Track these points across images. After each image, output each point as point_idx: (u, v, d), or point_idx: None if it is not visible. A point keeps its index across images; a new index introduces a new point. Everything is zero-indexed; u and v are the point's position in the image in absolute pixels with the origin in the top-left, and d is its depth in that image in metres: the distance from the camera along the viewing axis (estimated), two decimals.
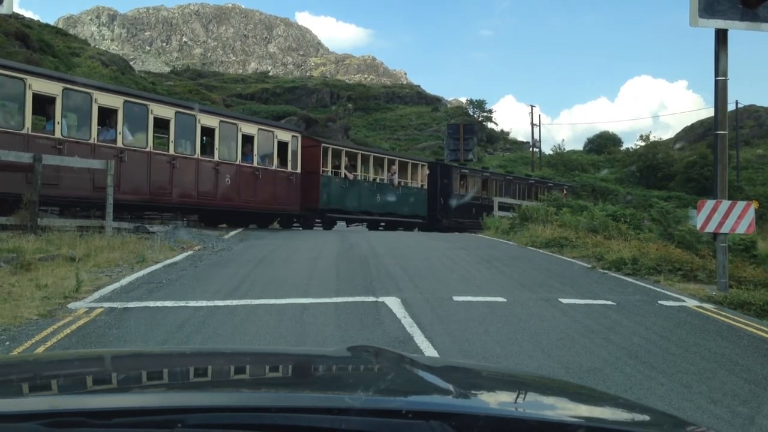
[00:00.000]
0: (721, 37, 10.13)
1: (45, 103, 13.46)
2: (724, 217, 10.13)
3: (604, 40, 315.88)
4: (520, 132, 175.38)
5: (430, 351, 5.77)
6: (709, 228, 10.30)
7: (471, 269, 11.27)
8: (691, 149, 55.07)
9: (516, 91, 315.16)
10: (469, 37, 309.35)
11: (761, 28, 9.98)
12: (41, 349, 5.52)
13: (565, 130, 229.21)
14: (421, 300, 8.00)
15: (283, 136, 19.36)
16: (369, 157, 23.26)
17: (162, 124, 15.90)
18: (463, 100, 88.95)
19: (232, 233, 15.99)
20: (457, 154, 33.62)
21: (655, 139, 61.21)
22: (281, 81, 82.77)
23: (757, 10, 9.85)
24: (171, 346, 5.63)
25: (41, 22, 55.16)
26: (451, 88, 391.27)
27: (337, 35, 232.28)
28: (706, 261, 12.07)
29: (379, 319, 6.95)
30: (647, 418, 1.45)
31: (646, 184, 49.49)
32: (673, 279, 10.93)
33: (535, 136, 55.31)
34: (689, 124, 67.64)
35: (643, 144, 57.18)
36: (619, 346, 6.33)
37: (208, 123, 16.96)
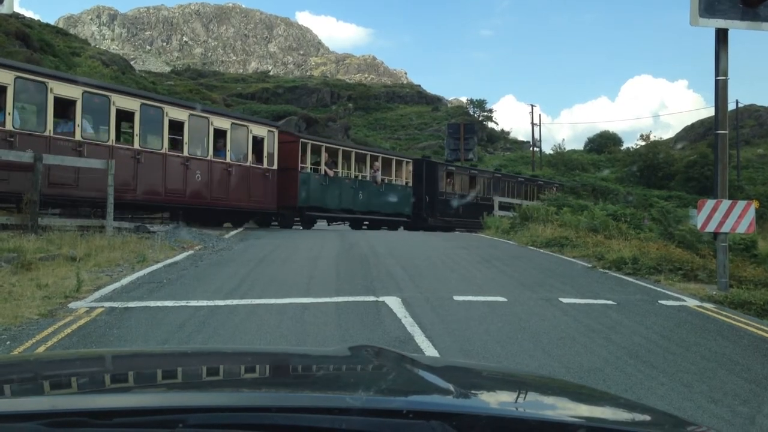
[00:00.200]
0: (721, 36, 10.13)
1: None
2: (724, 216, 10.13)
3: (604, 39, 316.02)
4: (521, 131, 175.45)
5: (430, 351, 5.77)
6: (710, 227, 10.30)
7: (471, 269, 11.27)
8: (691, 149, 55.04)
9: (516, 90, 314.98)
10: (469, 36, 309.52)
11: (762, 28, 9.98)
12: (42, 349, 5.53)
13: (566, 129, 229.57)
14: (421, 299, 8.00)
15: (258, 130, 18.41)
16: (351, 154, 22.38)
17: (126, 116, 15.06)
18: (464, 99, 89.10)
19: (232, 233, 16.00)
20: (457, 153, 33.64)
21: (656, 138, 61.23)
22: (282, 80, 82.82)
23: (758, 10, 9.85)
24: (172, 345, 5.63)
25: (42, 21, 55.31)
26: (451, 87, 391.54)
27: (337, 35, 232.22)
28: (706, 260, 12.07)
29: (379, 318, 6.95)
30: (648, 418, 1.46)
31: (647, 184, 49.48)
32: (674, 278, 10.93)
33: (536, 136, 55.35)
34: (690, 124, 67.70)
35: (643, 143, 57.14)
36: (619, 345, 6.33)
37: (177, 116, 16.05)
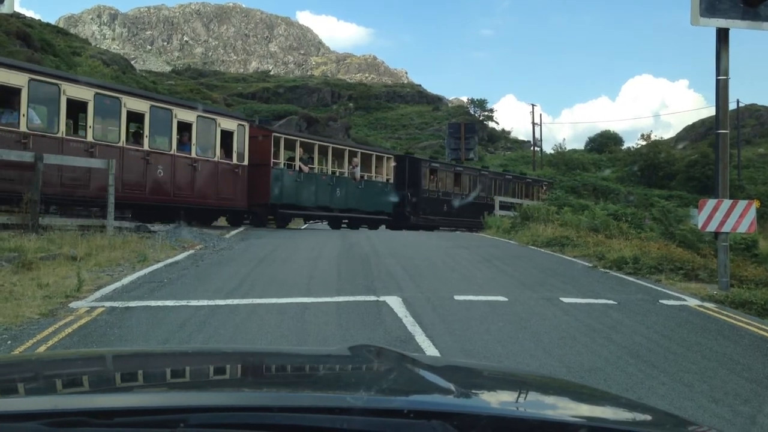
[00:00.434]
0: (722, 36, 10.12)
1: None
2: (725, 216, 10.13)
3: (604, 39, 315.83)
4: (521, 131, 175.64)
5: (431, 350, 5.77)
6: (711, 227, 10.30)
7: (472, 268, 11.27)
8: (692, 148, 54.98)
9: (517, 90, 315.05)
10: (469, 36, 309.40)
11: (762, 27, 9.97)
12: (43, 349, 5.53)
13: (566, 129, 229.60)
14: (422, 299, 8.00)
15: (227, 124, 17.44)
16: (327, 149, 21.37)
17: (79, 107, 14.20)
18: (464, 99, 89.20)
19: (233, 232, 16.00)
20: (458, 153, 33.66)
21: (657, 138, 61.16)
22: (282, 80, 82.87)
23: (759, 9, 9.84)
24: (172, 345, 5.64)
25: (42, 21, 55.28)
26: (452, 87, 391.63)
27: (337, 34, 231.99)
28: (707, 260, 12.06)
29: (380, 318, 6.95)
30: (649, 418, 1.45)
31: (648, 183, 49.46)
32: (675, 278, 10.92)
33: (536, 135, 55.41)
34: (690, 123, 67.66)
35: (644, 143, 57.10)
36: (620, 345, 6.33)
37: (137, 107, 15.11)
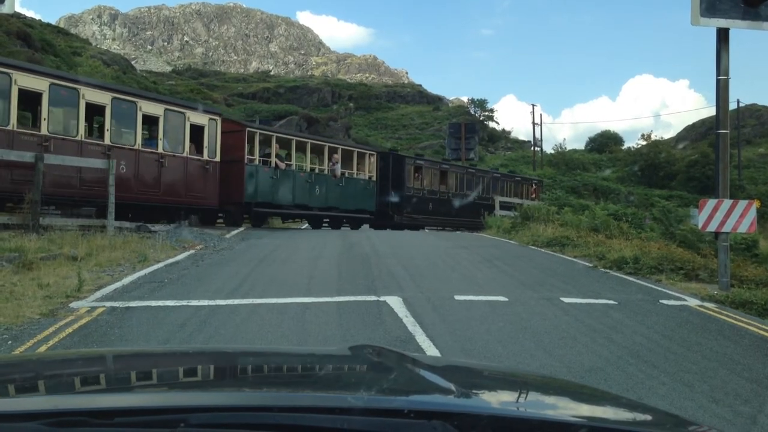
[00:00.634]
0: (722, 36, 10.12)
1: None
2: (725, 216, 10.13)
3: (605, 39, 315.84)
4: (522, 131, 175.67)
5: (431, 350, 5.77)
6: (711, 227, 10.29)
7: (472, 268, 11.27)
8: (692, 148, 54.98)
9: (517, 90, 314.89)
10: (469, 36, 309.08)
11: (763, 27, 9.97)
12: (43, 349, 5.53)
13: (567, 129, 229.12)
14: (422, 299, 8.00)
15: (197, 118, 16.48)
16: (306, 145, 20.45)
17: (33, 99, 13.37)
18: (465, 99, 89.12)
19: (233, 233, 16.00)
20: (458, 153, 33.70)
21: (657, 138, 61.19)
22: (283, 80, 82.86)
23: (759, 9, 9.83)
24: (173, 345, 5.63)
25: (43, 21, 55.33)
26: (452, 87, 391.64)
27: (338, 34, 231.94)
28: (707, 260, 12.06)
29: (380, 318, 6.95)
30: (649, 418, 1.45)
31: (648, 183, 49.47)
32: (675, 278, 10.92)
33: (537, 135, 55.35)
34: (691, 123, 67.74)
35: (644, 143, 57.11)
36: (620, 345, 6.33)
37: (96, 99, 14.16)
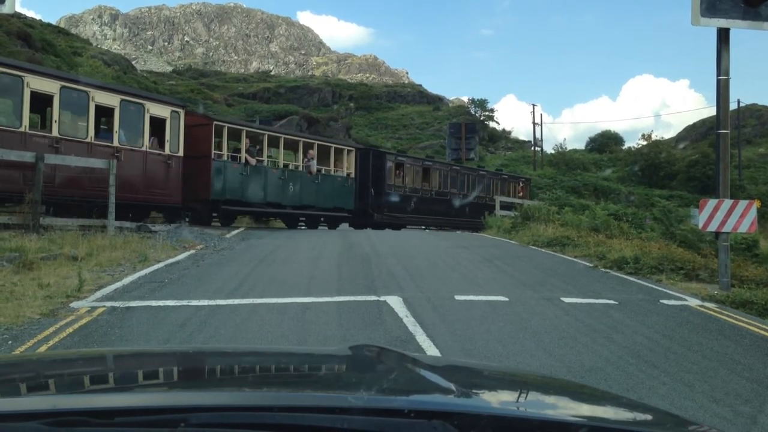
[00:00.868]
0: (723, 36, 10.11)
1: None
2: (726, 216, 10.12)
3: (605, 38, 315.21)
4: (522, 131, 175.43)
5: (432, 350, 5.77)
6: (711, 227, 10.29)
7: (473, 268, 11.27)
8: (693, 148, 54.93)
9: (517, 90, 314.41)
10: (470, 36, 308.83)
11: (763, 27, 9.97)
12: (43, 349, 5.53)
13: (567, 129, 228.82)
14: (422, 299, 8.00)
15: (158, 110, 15.49)
16: (279, 140, 19.44)
17: None
18: (465, 99, 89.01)
19: (234, 232, 16.00)
20: (459, 153, 33.70)
21: (657, 138, 61.10)
22: (283, 80, 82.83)
23: (759, 9, 9.83)
24: (173, 345, 5.63)
25: (43, 21, 55.25)
26: (452, 87, 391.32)
27: (338, 34, 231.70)
28: (708, 260, 12.05)
29: (381, 318, 6.95)
30: (649, 418, 1.45)
31: (648, 183, 49.43)
32: (675, 278, 10.92)
33: (537, 135, 55.34)
34: (691, 123, 67.66)
35: (645, 143, 57.07)
36: (621, 345, 6.33)
37: (44, 88, 13.15)
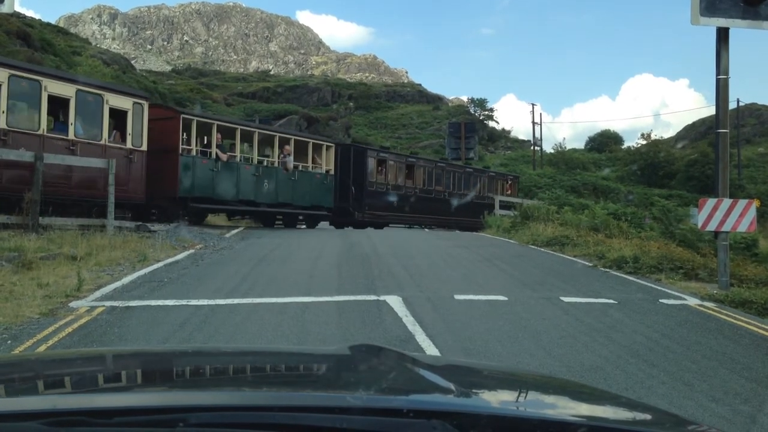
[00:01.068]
0: (722, 35, 10.11)
1: None
2: (725, 215, 10.12)
3: (605, 38, 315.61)
4: (522, 130, 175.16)
5: (431, 350, 5.77)
6: (711, 226, 10.29)
7: (472, 268, 11.27)
8: (692, 147, 54.92)
9: (517, 89, 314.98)
10: (469, 35, 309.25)
11: (762, 27, 9.96)
12: (43, 348, 5.53)
13: (567, 128, 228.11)
14: (422, 298, 8.00)
15: (118, 101, 14.56)
16: (253, 134, 18.63)
17: None
18: (465, 98, 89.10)
19: (233, 232, 16.00)
20: (458, 152, 33.66)
21: (657, 137, 61.09)
22: (282, 80, 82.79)
23: (759, 9, 9.83)
24: (172, 344, 5.63)
25: (42, 21, 55.10)
26: (452, 86, 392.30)
27: (338, 34, 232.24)
28: (707, 259, 12.06)
29: (380, 317, 6.95)
30: (649, 417, 1.45)
31: (648, 183, 49.42)
32: (675, 277, 10.92)
33: (537, 135, 55.31)
34: (690, 123, 67.66)
35: (644, 142, 57.06)
36: (620, 344, 6.33)
37: None
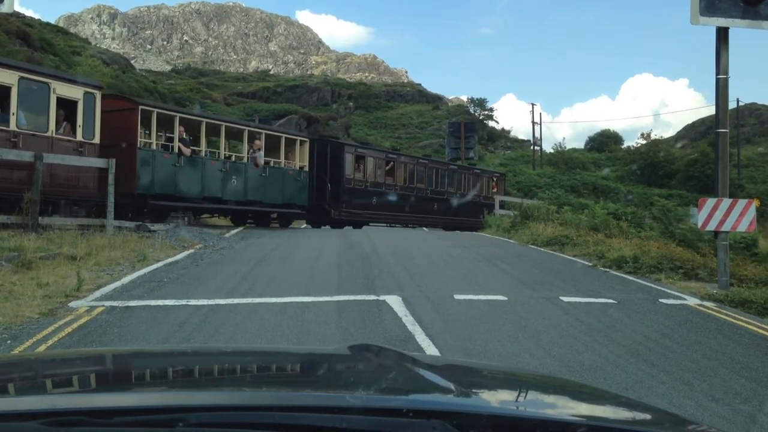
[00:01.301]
0: (722, 35, 10.11)
1: None
2: (725, 215, 10.13)
3: (604, 37, 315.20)
4: (521, 130, 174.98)
5: (431, 349, 5.77)
6: (711, 226, 10.30)
7: (472, 267, 11.27)
8: (692, 147, 54.92)
9: (517, 89, 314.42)
10: (469, 35, 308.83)
11: (762, 26, 9.97)
12: (42, 348, 5.53)
13: (566, 128, 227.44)
14: (422, 298, 8.00)
15: (67, 90, 13.36)
16: (220, 128, 17.44)
17: None
18: (464, 98, 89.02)
19: (233, 232, 16.00)
20: (458, 152, 33.68)
21: (656, 137, 61.08)
22: (282, 79, 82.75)
23: (758, 8, 9.83)
24: (172, 344, 5.64)
25: (42, 20, 55.04)
26: (452, 86, 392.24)
27: (337, 33, 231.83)
28: (707, 259, 12.06)
29: (380, 317, 6.95)
30: (648, 417, 1.45)
31: (647, 183, 49.42)
32: (675, 277, 10.92)
33: (536, 134, 55.30)
34: (690, 122, 67.66)
35: (644, 142, 57.07)
36: (620, 344, 6.34)
37: None
